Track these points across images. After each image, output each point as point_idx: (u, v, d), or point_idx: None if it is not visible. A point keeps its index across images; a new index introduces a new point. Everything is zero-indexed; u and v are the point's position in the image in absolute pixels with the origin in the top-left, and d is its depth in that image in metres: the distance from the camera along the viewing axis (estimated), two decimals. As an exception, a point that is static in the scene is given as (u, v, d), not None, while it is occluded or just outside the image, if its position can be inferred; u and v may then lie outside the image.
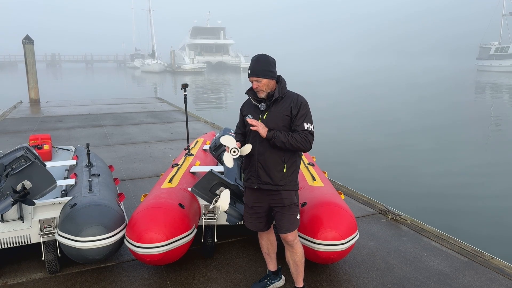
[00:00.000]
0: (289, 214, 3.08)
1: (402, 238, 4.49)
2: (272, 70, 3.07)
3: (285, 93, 3.11)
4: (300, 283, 3.29)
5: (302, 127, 3.00)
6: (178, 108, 16.30)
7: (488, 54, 60.96)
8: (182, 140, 9.80)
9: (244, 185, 3.25)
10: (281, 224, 3.10)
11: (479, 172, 10.21)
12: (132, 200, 5.57)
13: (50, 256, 3.65)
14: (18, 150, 4.23)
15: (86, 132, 11.05)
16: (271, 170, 3.04)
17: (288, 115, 3.03)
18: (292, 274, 3.29)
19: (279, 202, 3.08)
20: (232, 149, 2.95)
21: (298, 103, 3.04)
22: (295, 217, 3.12)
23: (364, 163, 10.96)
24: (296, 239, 3.16)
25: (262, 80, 3.02)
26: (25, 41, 17.47)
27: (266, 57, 3.08)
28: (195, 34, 79.25)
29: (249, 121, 2.98)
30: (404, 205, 6.83)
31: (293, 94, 3.13)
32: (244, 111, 3.23)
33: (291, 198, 3.08)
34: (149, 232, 3.26)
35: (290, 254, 3.21)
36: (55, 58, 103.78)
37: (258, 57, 3.08)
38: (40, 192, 3.49)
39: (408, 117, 18.96)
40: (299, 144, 2.96)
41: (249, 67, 3.08)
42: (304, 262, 3.25)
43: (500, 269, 3.82)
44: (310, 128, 3.02)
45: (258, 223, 3.23)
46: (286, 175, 3.06)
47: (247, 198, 3.24)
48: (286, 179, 3.06)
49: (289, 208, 3.08)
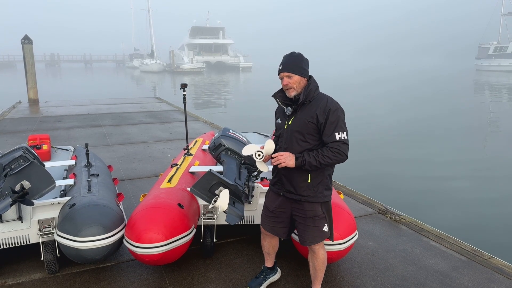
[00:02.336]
0: (312, 227, 2.90)
1: (401, 237, 4.49)
2: (305, 68, 2.85)
3: (314, 96, 2.84)
4: (317, 285, 3.19)
5: (333, 137, 2.73)
6: (177, 108, 16.28)
7: (487, 53, 61.04)
8: (181, 140, 9.79)
9: (270, 188, 3.14)
10: (304, 236, 2.95)
11: (479, 172, 10.22)
12: (131, 200, 5.57)
13: (49, 256, 3.65)
14: (17, 150, 4.22)
15: (85, 132, 11.03)
16: (294, 180, 2.86)
17: (314, 122, 2.77)
18: (311, 275, 3.20)
19: (301, 213, 2.91)
20: (257, 153, 2.86)
21: (326, 109, 2.75)
22: (320, 229, 2.92)
23: (364, 163, 10.96)
24: (319, 245, 3.02)
25: (294, 76, 2.80)
26: (23, 41, 17.43)
27: (300, 54, 2.89)
28: (194, 34, 79.18)
29: (273, 162, 2.78)
30: (403, 204, 6.84)
31: (323, 98, 2.83)
32: (276, 114, 3.06)
33: (314, 211, 2.88)
34: (148, 232, 3.25)
35: (311, 257, 3.10)
36: (54, 58, 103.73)
37: (291, 52, 2.90)
38: (39, 192, 3.48)
39: (408, 117, 18.97)
40: (333, 161, 2.74)
41: (280, 63, 2.86)
42: (324, 268, 3.11)
43: (499, 268, 3.82)
44: (343, 137, 2.74)
45: (278, 227, 3.10)
46: (311, 185, 2.84)
47: (269, 201, 3.11)
48: (311, 190, 2.84)
49: (313, 221, 2.89)
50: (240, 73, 65.49)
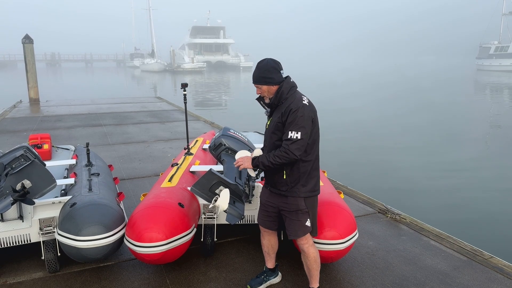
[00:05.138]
0: (296, 220, 3.05)
1: (401, 237, 4.49)
2: (271, 77, 2.97)
3: (286, 97, 2.98)
4: (315, 283, 3.26)
5: (286, 135, 2.87)
6: (177, 107, 16.29)
7: (488, 53, 60.95)
8: (181, 140, 9.80)
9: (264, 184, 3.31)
10: (288, 229, 3.11)
11: (479, 172, 10.22)
12: (131, 199, 5.57)
13: (50, 255, 3.66)
14: (18, 149, 4.23)
15: (85, 132, 11.05)
16: (273, 176, 3.08)
17: (281, 122, 2.94)
18: (307, 274, 3.29)
19: (286, 207, 3.07)
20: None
21: (287, 110, 2.90)
22: (302, 224, 3.05)
23: (364, 163, 10.96)
24: (307, 244, 3.12)
25: (262, 87, 3.03)
26: (24, 40, 17.45)
27: (266, 63, 3.01)
28: (195, 34, 79.14)
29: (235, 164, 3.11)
30: (403, 204, 6.85)
31: (290, 100, 2.95)
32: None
33: (296, 204, 3.02)
34: (149, 231, 3.26)
35: (303, 256, 3.21)
36: (54, 57, 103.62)
37: (259, 63, 3.05)
38: (40, 192, 3.49)
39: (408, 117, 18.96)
40: (282, 160, 2.86)
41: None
42: (317, 266, 3.20)
43: (499, 268, 3.82)
44: (294, 136, 2.83)
45: (266, 220, 3.27)
46: (287, 181, 3.00)
47: (262, 194, 3.31)
48: (288, 185, 3.01)
49: (296, 214, 3.04)
50: (241, 73, 65.47)
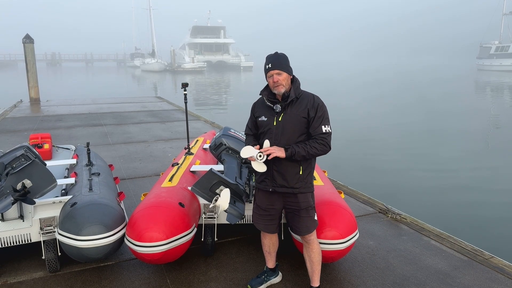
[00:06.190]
0: (307, 217, 3.06)
1: (402, 237, 4.49)
2: (291, 66, 3.03)
3: (300, 93, 3.03)
4: (316, 282, 3.25)
5: (320, 130, 2.94)
6: (178, 107, 16.29)
7: (489, 53, 60.94)
8: (182, 139, 9.80)
9: (257, 187, 3.19)
10: (299, 227, 3.08)
11: (479, 172, 10.21)
12: (132, 199, 5.57)
13: (50, 255, 3.66)
14: (18, 149, 4.24)
15: (86, 131, 11.05)
16: (287, 173, 2.99)
17: (305, 117, 2.96)
18: (308, 272, 3.27)
19: (295, 205, 3.04)
20: (258, 155, 2.92)
21: (315, 105, 2.97)
22: (313, 219, 3.09)
23: (364, 162, 10.96)
24: (314, 237, 3.15)
25: (284, 73, 2.95)
26: (25, 40, 17.46)
27: (282, 54, 3.06)
28: (195, 33, 79.13)
29: (264, 152, 2.89)
30: (404, 204, 6.84)
31: (309, 95, 3.05)
32: (256, 112, 3.14)
33: (307, 201, 3.05)
34: (149, 231, 3.26)
35: (306, 250, 3.20)
36: (55, 57, 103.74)
37: (276, 52, 3.05)
38: (40, 191, 3.49)
39: (408, 117, 18.95)
40: (320, 152, 2.93)
41: (267, 62, 2.99)
42: (320, 261, 3.23)
43: (500, 268, 3.82)
44: (328, 130, 2.96)
45: (271, 225, 3.20)
46: (302, 177, 3.01)
47: (260, 200, 3.18)
48: (302, 181, 3.01)
49: (306, 211, 3.05)
50: (241, 73, 65.48)
